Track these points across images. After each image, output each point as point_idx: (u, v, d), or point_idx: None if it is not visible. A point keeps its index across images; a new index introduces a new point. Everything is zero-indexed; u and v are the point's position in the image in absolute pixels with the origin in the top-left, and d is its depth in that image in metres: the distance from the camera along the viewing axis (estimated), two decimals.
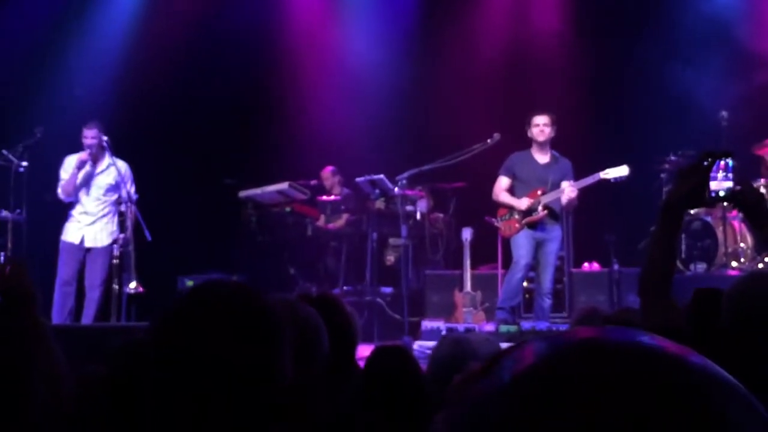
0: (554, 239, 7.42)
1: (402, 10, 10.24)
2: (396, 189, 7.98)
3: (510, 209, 7.46)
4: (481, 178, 7.85)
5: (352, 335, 2.57)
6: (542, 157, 7.45)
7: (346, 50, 10.18)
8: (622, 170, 7.21)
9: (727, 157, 2.12)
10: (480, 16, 10.10)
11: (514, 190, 7.51)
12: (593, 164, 7.44)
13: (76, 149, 7.58)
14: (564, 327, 6.81)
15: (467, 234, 8.06)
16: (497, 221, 7.57)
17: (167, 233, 7.88)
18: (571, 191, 7.22)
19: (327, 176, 9.61)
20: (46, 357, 2.16)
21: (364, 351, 2.76)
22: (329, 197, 9.44)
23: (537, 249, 7.39)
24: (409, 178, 7.97)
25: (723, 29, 8.96)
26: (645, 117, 9.10)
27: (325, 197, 9.43)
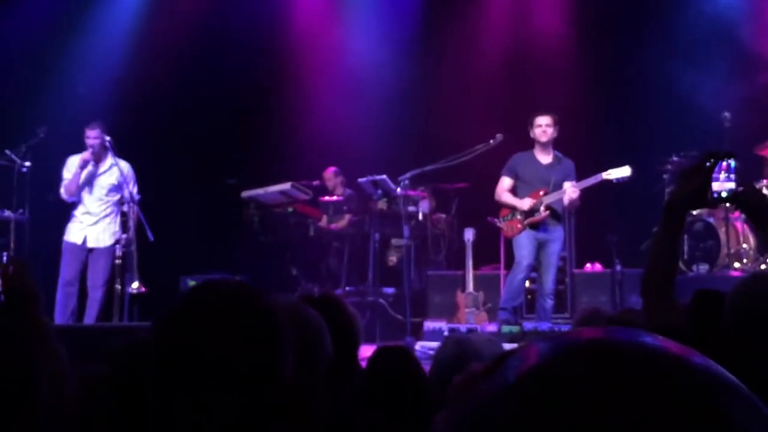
0: (556, 240, 7.41)
1: (404, 10, 10.23)
2: (398, 189, 7.98)
3: (512, 210, 7.46)
4: (484, 179, 7.84)
5: (355, 336, 2.57)
6: (545, 158, 7.44)
7: (349, 50, 10.18)
8: (625, 171, 7.20)
9: (730, 158, 2.12)
10: (482, 17, 10.10)
11: (517, 191, 7.50)
12: (595, 165, 7.44)
13: (79, 149, 7.59)
14: (566, 328, 6.80)
15: (469, 234, 8.07)
16: (499, 222, 7.56)
17: (169, 233, 7.89)
18: (573, 192, 7.21)
19: (329, 177, 9.61)
20: (49, 357, 2.16)
21: (367, 351, 2.75)
22: (332, 198, 9.45)
23: (539, 249, 7.38)
24: (412, 179, 7.97)
25: (726, 30, 8.95)
26: (647, 117, 9.09)
27: (328, 198, 9.44)
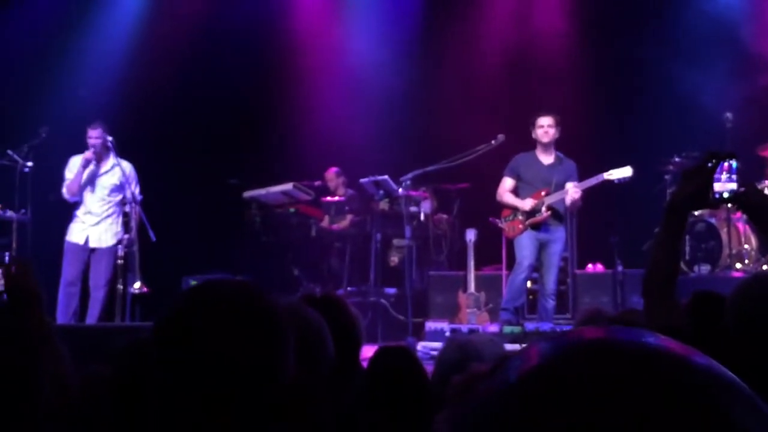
0: (558, 240, 7.41)
1: (406, 11, 10.23)
2: (400, 190, 7.97)
3: (514, 210, 7.46)
4: (485, 179, 7.84)
5: (356, 336, 2.57)
6: (547, 158, 7.44)
7: (350, 51, 10.18)
8: (626, 171, 7.20)
9: (732, 159, 2.12)
10: (483, 17, 10.09)
11: (519, 191, 7.50)
12: (597, 165, 7.43)
13: (81, 149, 7.59)
14: (568, 328, 6.79)
15: (471, 235, 8.07)
16: (501, 222, 7.56)
17: (171, 233, 7.89)
18: (575, 192, 7.20)
19: (331, 177, 9.61)
20: (51, 357, 2.17)
21: (368, 351, 2.75)
22: (333, 198, 9.45)
23: (540, 250, 7.38)
24: (413, 179, 7.96)
25: (728, 30, 8.94)
26: (649, 118, 9.08)
27: (329, 198, 9.44)
